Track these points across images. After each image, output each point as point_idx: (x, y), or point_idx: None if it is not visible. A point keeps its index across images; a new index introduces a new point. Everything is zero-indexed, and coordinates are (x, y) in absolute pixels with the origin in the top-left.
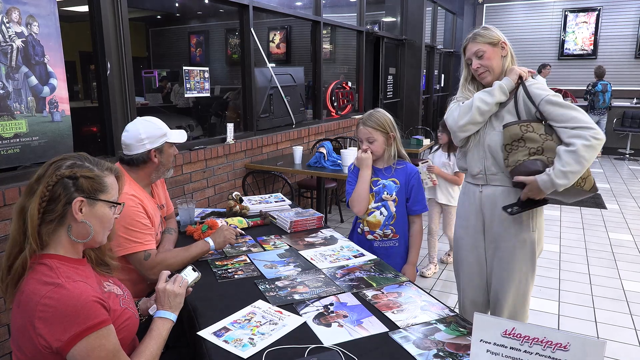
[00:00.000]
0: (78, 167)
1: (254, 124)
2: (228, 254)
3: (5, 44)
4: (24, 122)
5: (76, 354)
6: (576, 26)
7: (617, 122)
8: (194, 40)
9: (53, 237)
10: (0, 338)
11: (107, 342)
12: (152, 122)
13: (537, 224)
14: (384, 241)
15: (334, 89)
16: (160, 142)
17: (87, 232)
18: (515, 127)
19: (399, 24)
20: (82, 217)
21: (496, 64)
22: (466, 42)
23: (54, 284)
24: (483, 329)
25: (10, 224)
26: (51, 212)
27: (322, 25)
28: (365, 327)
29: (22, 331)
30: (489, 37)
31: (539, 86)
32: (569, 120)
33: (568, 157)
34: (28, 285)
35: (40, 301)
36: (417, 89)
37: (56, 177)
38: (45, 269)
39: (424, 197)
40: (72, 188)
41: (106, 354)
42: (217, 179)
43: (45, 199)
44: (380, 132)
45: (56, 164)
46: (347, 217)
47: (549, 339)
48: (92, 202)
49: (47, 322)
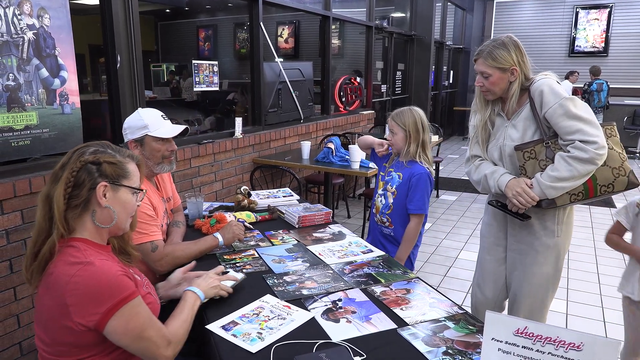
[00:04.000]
0: (101, 153)
1: (262, 118)
2: (236, 248)
3: (16, 36)
4: (35, 114)
5: (115, 326)
6: (587, 23)
7: (627, 120)
8: (202, 34)
9: (79, 222)
10: (10, 328)
11: (142, 310)
12: (139, 113)
13: (564, 229)
14: (382, 227)
15: (343, 84)
16: (139, 134)
17: (110, 217)
18: (518, 153)
19: (408, 19)
20: (105, 202)
21: (499, 89)
22: (477, 56)
23: (82, 262)
24: (495, 328)
25: (20, 215)
26: (76, 197)
27: (331, 20)
28: (374, 323)
29: (50, 313)
30: (500, 61)
31: (553, 93)
32: (575, 133)
33: (561, 164)
34: (57, 267)
35: (70, 280)
36: (425, 85)
37: (80, 163)
38: (73, 250)
39: (421, 199)
40: (96, 173)
41: (143, 321)
42: (225, 173)
43: (70, 185)
44: (401, 129)
45: (79, 150)
46: (354, 212)
47: (562, 339)
48: (116, 188)
49: (80, 300)
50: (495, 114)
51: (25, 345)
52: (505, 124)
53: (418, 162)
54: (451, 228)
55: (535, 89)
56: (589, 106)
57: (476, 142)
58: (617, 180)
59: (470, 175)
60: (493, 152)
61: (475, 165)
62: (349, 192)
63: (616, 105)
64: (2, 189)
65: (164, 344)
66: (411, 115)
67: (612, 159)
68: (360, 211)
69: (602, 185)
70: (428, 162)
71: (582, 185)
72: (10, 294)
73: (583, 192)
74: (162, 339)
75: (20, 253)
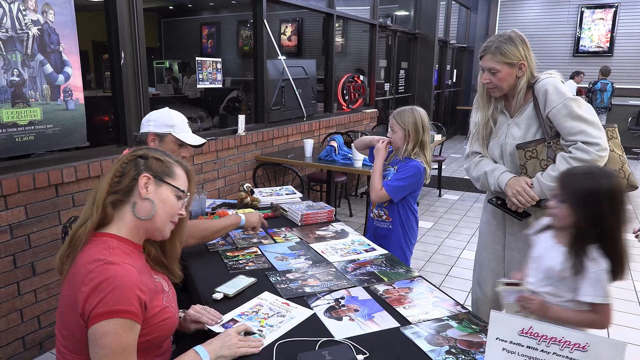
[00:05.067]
0: (152, 151)
1: (265, 116)
2: (239, 245)
3: (21, 32)
4: (39, 109)
5: (94, 332)
6: (592, 23)
7: (632, 121)
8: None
9: (117, 212)
10: (13, 322)
11: (124, 335)
12: (169, 112)
13: None
14: (379, 222)
15: (346, 83)
16: (163, 130)
17: (149, 210)
18: (520, 152)
19: (412, 17)
20: (146, 194)
21: (507, 85)
22: (484, 52)
23: (105, 260)
24: (499, 327)
25: (24, 211)
26: (119, 184)
27: (335, 18)
28: (377, 321)
29: (67, 303)
30: (509, 56)
31: (557, 92)
32: (578, 134)
33: (562, 164)
34: (82, 258)
35: (88, 274)
36: (429, 84)
37: (131, 156)
38: (103, 246)
39: (398, 181)
40: (142, 166)
41: (117, 345)
42: (227, 170)
43: (117, 175)
44: (401, 128)
45: (135, 148)
46: (356, 211)
47: (567, 339)
48: (158, 183)
49: (89, 293)
50: (498, 112)
51: (28, 339)
52: (508, 122)
53: (422, 163)
54: (453, 227)
55: (540, 87)
56: (592, 107)
57: (477, 139)
58: None
59: (469, 172)
60: (494, 149)
61: (474, 162)
62: (352, 190)
63: (620, 106)
64: (6, 184)
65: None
66: (412, 115)
67: (613, 161)
68: (362, 210)
69: None
70: (426, 162)
71: None
72: (13, 289)
73: None
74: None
75: (24, 248)
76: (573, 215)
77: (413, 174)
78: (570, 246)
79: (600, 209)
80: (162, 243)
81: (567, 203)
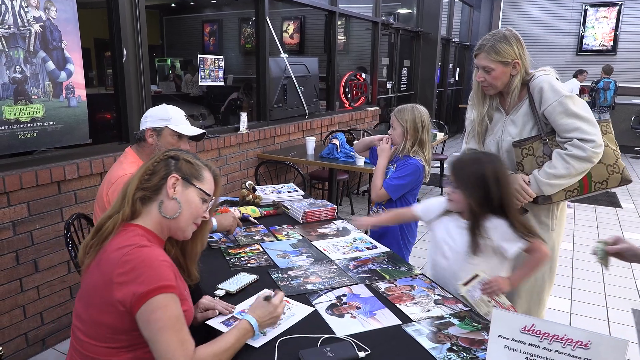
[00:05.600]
0: (183, 153)
1: (267, 113)
2: (241, 242)
3: (23, 29)
4: (41, 106)
5: (144, 312)
6: (596, 21)
7: (635, 120)
8: (207, 29)
9: (145, 208)
10: (16, 319)
11: (174, 306)
12: (165, 107)
13: (558, 223)
14: None
15: (348, 81)
16: (159, 124)
17: (175, 210)
18: (517, 150)
19: (414, 15)
20: (173, 194)
21: (502, 83)
22: (479, 51)
23: (137, 244)
24: (501, 325)
25: (27, 207)
26: (149, 181)
27: (337, 16)
28: (378, 319)
29: (96, 289)
30: (503, 55)
31: (552, 90)
32: (573, 131)
33: (559, 161)
34: (112, 245)
35: (121, 258)
36: (431, 82)
37: (163, 156)
38: (131, 234)
39: (397, 179)
40: (173, 167)
41: (169, 317)
42: (229, 168)
43: (148, 172)
44: (400, 125)
45: (168, 149)
46: (358, 209)
47: (569, 337)
48: (186, 184)
49: (125, 278)
50: (493, 109)
51: (31, 336)
52: (503, 119)
53: (421, 161)
54: None
55: (535, 85)
56: (587, 104)
57: (473, 136)
58: (611, 177)
59: None
60: (490, 146)
61: None
62: (354, 188)
63: (623, 105)
64: (8, 181)
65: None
66: (412, 113)
67: (607, 156)
68: (364, 208)
69: (597, 182)
70: (425, 160)
71: (577, 182)
72: (16, 285)
73: (578, 189)
74: (182, 355)
75: (26, 245)
76: (467, 198)
77: (412, 172)
78: (469, 226)
79: (489, 188)
80: (183, 244)
81: (460, 188)
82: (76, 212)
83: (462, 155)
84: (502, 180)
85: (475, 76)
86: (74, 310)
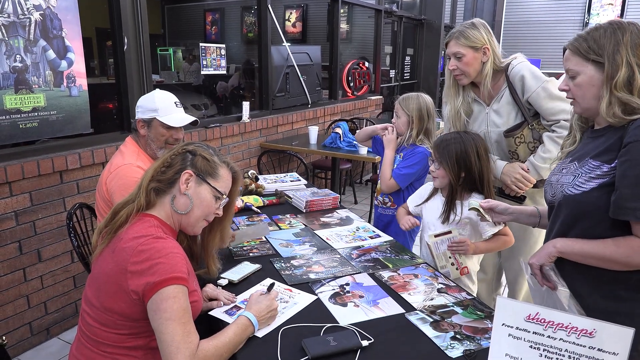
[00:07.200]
0: (202, 148)
1: (269, 102)
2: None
3: (23, 17)
4: (42, 96)
5: (154, 301)
6: (601, 8)
7: None
8: (209, 17)
9: (159, 200)
10: (20, 308)
11: (182, 298)
12: (154, 95)
13: None
14: (384, 209)
15: (351, 69)
16: (148, 115)
17: (186, 205)
18: (510, 140)
19: (418, 3)
20: (185, 190)
21: (473, 70)
22: (449, 38)
23: (152, 235)
24: (506, 313)
25: (29, 197)
26: (164, 174)
27: (340, 4)
28: (382, 307)
29: (109, 276)
30: (472, 40)
31: (534, 77)
32: (558, 113)
33: (551, 144)
34: (128, 234)
35: (137, 247)
36: (434, 71)
37: (181, 149)
38: (147, 224)
39: (405, 168)
40: (189, 162)
41: (177, 307)
42: (232, 158)
43: (165, 165)
44: (405, 113)
45: (188, 142)
46: (361, 198)
47: (574, 325)
48: (199, 182)
49: (139, 267)
50: (471, 101)
51: (35, 325)
52: (485, 110)
53: (428, 149)
54: None
55: (515, 74)
56: None
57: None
58: None
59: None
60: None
61: None
62: (356, 177)
63: None
64: (10, 170)
65: (185, 353)
66: (417, 101)
67: None
68: (367, 197)
69: None
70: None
71: None
72: (20, 275)
73: None
74: (186, 347)
75: (29, 235)
76: (450, 174)
77: (420, 160)
78: (447, 197)
79: (470, 163)
80: (202, 236)
81: (443, 165)
82: (78, 202)
83: (445, 135)
84: (482, 155)
85: (448, 66)
86: (83, 295)
